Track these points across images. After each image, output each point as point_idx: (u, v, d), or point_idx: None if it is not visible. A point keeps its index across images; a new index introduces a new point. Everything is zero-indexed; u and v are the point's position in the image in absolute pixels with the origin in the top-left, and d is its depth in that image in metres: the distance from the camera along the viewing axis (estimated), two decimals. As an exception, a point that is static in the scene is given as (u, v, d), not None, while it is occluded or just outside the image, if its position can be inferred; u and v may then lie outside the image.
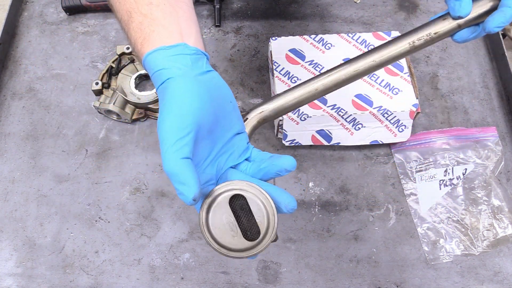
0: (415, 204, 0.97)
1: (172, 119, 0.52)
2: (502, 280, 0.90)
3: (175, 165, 0.50)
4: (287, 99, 0.70)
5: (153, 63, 0.56)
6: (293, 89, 0.71)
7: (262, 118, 0.68)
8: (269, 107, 0.69)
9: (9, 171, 1.01)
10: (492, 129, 1.04)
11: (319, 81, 0.71)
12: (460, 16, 0.64)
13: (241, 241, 0.56)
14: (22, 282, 0.90)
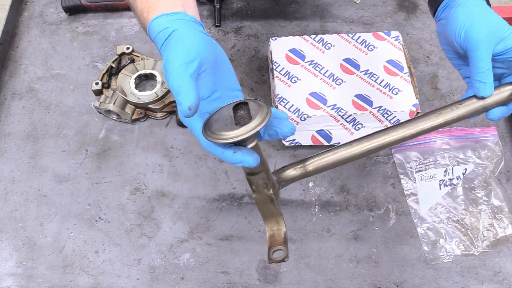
0: (415, 204, 0.97)
1: (179, 51, 0.58)
2: (502, 280, 0.91)
3: (181, 79, 0.56)
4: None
5: (157, 26, 0.63)
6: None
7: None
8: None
9: (9, 171, 1.01)
10: (492, 129, 1.04)
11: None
12: (483, 96, 0.69)
13: (233, 128, 0.57)
14: (22, 282, 0.90)
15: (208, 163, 1.02)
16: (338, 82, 1.00)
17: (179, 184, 1.00)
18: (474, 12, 0.70)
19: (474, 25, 0.68)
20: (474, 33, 0.68)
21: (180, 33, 0.61)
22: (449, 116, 0.71)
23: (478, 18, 0.69)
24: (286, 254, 0.66)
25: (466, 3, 0.71)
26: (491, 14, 0.70)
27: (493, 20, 0.69)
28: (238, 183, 1.00)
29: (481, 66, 0.67)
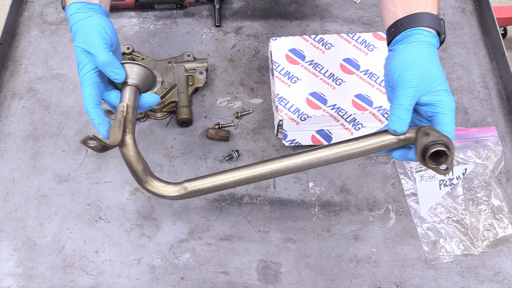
0: (415, 204, 0.97)
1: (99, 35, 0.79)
2: (502, 280, 0.90)
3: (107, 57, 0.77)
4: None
5: (76, 7, 0.82)
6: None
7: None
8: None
9: (9, 171, 1.01)
10: (492, 129, 1.04)
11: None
12: (395, 130, 0.71)
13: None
14: (22, 282, 0.90)
15: (208, 163, 1.02)
16: (338, 82, 1.00)
17: (179, 184, 1.00)
18: (416, 58, 0.72)
19: (409, 72, 0.71)
20: (407, 78, 0.70)
21: (95, 20, 0.81)
22: (350, 148, 0.73)
23: (416, 65, 0.71)
24: (101, 144, 0.73)
25: (416, 45, 0.73)
26: (432, 65, 0.72)
27: (430, 73, 0.71)
28: (238, 183, 1.00)
29: (402, 103, 0.70)
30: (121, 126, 0.75)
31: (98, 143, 0.72)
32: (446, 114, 0.70)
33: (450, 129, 0.69)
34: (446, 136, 0.67)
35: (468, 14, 1.22)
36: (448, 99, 0.70)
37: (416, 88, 0.70)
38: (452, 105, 0.70)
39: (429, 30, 0.74)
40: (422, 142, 0.67)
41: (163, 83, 1.06)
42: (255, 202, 0.98)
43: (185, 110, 1.04)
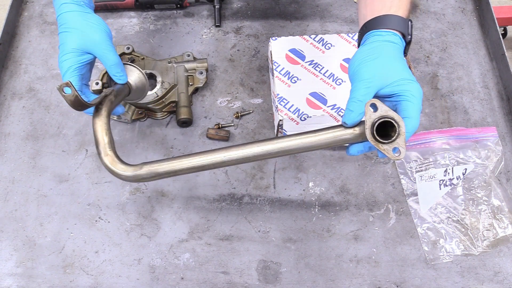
0: (415, 204, 0.97)
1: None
2: (502, 280, 0.90)
3: (117, 59, 0.85)
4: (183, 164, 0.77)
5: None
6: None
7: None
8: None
9: (9, 171, 1.01)
10: (492, 129, 1.04)
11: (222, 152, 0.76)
12: (345, 123, 0.70)
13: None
14: (22, 282, 0.90)
15: (208, 163, 1.02)
16: (338, 82, 1.00)
17: (179, 184, 1.00)
18: (370, 53, 0.72)
19: (363, 66, 0.71)
20: (360, 72, 0.71)
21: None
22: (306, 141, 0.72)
23: (370, 59, 0.71)
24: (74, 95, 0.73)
25: (373, 44, 0.73)
26: (389, 59, 0.71)
27: (387, 66, 0.70)
28: (238, 183, 1.00)
29: (354, 96, 0.69)
30: (101, 97, 0.79)
31: (72, 94, 0.72)
32: (408, 101, 0.68)
33: (413, 114, 0.68)
34: (395, 112, 0.65)
35: (468, 14, 1.22)
36: (412, 87, 0.69)
37: (369, 80, 0.69)
38: (416, 92, 0.69)
39: (390, 31, 0.74)
40: (371, 117, 0.63)
41: (163, 83, 1.06)
42: (255, 202, 0.98)
43: (185, 110, 1.04)
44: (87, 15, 0.84)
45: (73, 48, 0.82)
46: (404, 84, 0.69)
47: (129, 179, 0.78)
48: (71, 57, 0.82)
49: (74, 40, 0.82)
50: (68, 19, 0.83)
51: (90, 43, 0.82)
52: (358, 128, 0.69)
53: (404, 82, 0.69)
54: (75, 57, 0.82)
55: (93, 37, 0.83)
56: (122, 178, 0.78)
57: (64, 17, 0.83)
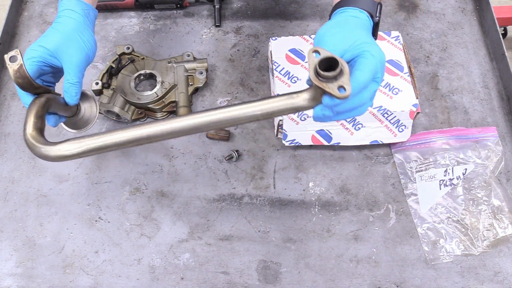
0: (415, 204, 0.97)
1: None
2: (502, 280, 0.90)
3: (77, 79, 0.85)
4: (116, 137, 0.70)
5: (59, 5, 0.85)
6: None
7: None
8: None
9: (9, 171, 1.01)
10: (492, 129, 1.04)
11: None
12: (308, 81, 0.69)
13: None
14: (22, 282, 0.90)
15: (208, 163, 1.02)
16: (338, 82, 1.00)
17: (179, 184, 1.00)
18: (334, 24, 0.75)
19: (326, 34, 0.73)
20: (324, 40, 0.73)
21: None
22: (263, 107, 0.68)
23: (333, 28, 0.73)
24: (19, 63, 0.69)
25: (337, 17, 0.77)
26: (351, 27, 0.73)
27: (349, 33, 0.72)
28: (238, 183, 1.00)
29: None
30: (47, 89, 0.77)
31: (18, 61, 0.68)
32: (364, 57, 0.68)
33: (363, 68, 0.67)
34: (338, 56, 0.63)
35: (468, 14, 1.22)
36: (371, 48, 0.69)
37: (331, 46, 0.70)
38: (374, 52, 0.68)
39: (357, 9, 0.75)
40: (314, 61, 0.62)
41: (163, 83, 1.06)
42: (255, 202, 0.98)
43: (185, 110, 1.04)
44: (84, 31, 0.84)
45: (46, 45, 0.80)
46: (363, 46, 0.69)
47: (52, 152, 0.71)
48: (40, 51, 0.79)
49: (54, 40, 0.81)
50: (65, 22, 0.83)
51: (65, 55, 0.81)
52: (309, 93, 0.68)
53: (364, 44, 0.70)
54: (44, 53, 0.80)
55: (70, 51, 0.81)
56: (46, 155, 0.71)
57: (63, 19, 0.83)
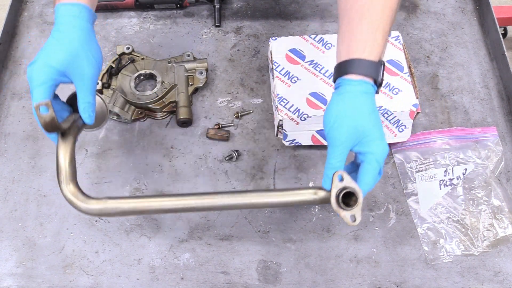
0: (415, 204, 0.97)
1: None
2: (503, 280, 0.90)
3: (93, 98, 0.81)
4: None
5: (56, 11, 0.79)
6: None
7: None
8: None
9: (9, 171, 1.01)
10: (492, 129, 1.04)
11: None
12: (324, 187, 0.76)
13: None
14: (22, 282, 0.90)
15: (208, 163, 1.02)
16: (338, 82, 1.00)
17: (179, 184, 1.00)
18: (342, 112, 0.74)
19: (337, 126, 0.74)
20: (335, 134, 0.74)
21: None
22: (285, 199, 0.77)
23: (343, 119, 0.74)
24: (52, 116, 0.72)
25: (345, 97, 0.75)
26: (360, 117, 0.74)
27: (358, 126, 0.73)
28: (238, 183, 1.00)
29: (330, 162, 0.74)
30: (70, 122, 0.77)
31: (50, 114, 0.71)
32: (369, 164, 0.73)
33: (368, 180, 0.74)
34: (357, 185, 0.72)
35: (468, 14, 1.22)
36: (377, 149, 0.73)
37: (343, 144, 0.74)
38: (379, 155, 0.73)
39: (360, 79, 0.75)
40: (337, 186, 0.71)
41: (163, 83, 1.06)
42: (255, 202, 0.98)
43: (185, 110, 1.04)
44: (91, 42, 0.79)
45: (55, 65, 0.75)
46: (370, 145, 0.74)
47: (92, 213, 0.76)
48: (51, 73, 0.75)
49: (62, 58, 0.75)
50: (70, 34, 0.77)
51: (76, 73, 0.77)
52: (326, 195, 0.76)
53: (371, 144, 0.74)
54: (54, 75, 0.75)
55: (82, 68, 0.77)
56: (84, 211, 0.76)
57: (66, 28, 0.77)
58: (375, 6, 0.76)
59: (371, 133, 0.74)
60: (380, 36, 0.75)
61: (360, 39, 0.76)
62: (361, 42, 0.75)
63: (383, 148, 0.74)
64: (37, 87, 0.74)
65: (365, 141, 0.74)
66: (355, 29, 0.76)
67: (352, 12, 0.77)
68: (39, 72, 0.75)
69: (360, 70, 0.75)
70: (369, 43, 0.75)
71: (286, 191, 0.78)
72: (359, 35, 0.76)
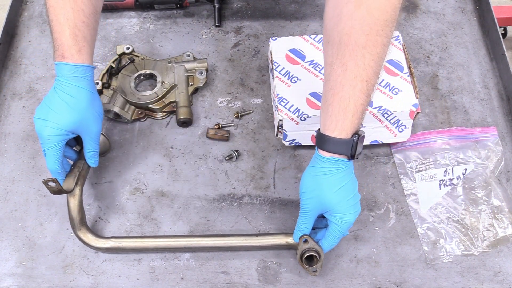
0: (415, 204, 0.97)
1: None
2: (502, 280, 0.90)
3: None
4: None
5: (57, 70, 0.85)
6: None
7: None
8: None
9: (9, 171, 1.01)
10: (492, 129, 1.04)
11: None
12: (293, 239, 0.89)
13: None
14: (22, 282, 0.90)
15: (208, 163, 1.02)
16: (338, 82, 1.00)
17: (179, 184, 1.00)
18: (312, 185, 0.81)
19: (307, 197, 0.82)
20: (304, 202, 0.83)
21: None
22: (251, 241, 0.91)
23: (312, 193, 0.81)
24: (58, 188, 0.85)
25: (314, 172, 0.81)
26: (323, 192, 0.80)
27: (322, 199, 0.80)
28: (238, 183, 1.00)
29: (299, 224, 0.86)
30: (75, 178, 0.89)
31: (56, 186, 0.84)
32: (332, 230, 0.82)
33: (330, 242, 0.84)
34: (320, 246, 0.85)
35: (468, 14, 1.22)
36: (339, 222, 0.81)
37: (310, 212, 0.83)
38: (342, 227, 0.81)
39: (330, 157, 0.78)
40: (302, 247, 0.86)
41: (163, 83, 1.06)
42: (255, 202, 0.98)
43: (185, 110, 1.04)
44: (95, 100, 0.87)
45: (66, 127, 0.83)
46: (334, 217, 0.81)
47: (101, 250, 0.91)
48: (61, 135, 0.83)
49: (71, 120, 0.83)
50: (77, 96, 0.83)
51: (84, 130, 0.86)
52: (292, 240, 0.90)
53: (332, 217, 0.82)
54: (64, 135, 0.84)
55: (89, 127, 0.86)
56: (96, 249, 0.91)
57: (71, 90, 0.83)
58: (346, 79, 0.76)
59: (335, 208, 0.80)
60: (350, 113, 0.76)
61: (331, 117, 0.77)
62: (333, 120, 0.77)
63: (347, 221, 0.81)
64: (50, 149, 0.83)
65: (330, 213, 0.82)
66: (329, 106, 0.77)
67: (327, 86, 0.78)
68: (52, 135, 0.83)
69: (331, 148, 0.78)
70: (340, 122, 0.77)
71: (262, 236, 0.91)
72: (331, 112, 0.77)
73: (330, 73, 0.78)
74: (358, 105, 0.76)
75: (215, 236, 0.92)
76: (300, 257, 0.86)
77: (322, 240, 0.85)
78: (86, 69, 0.84)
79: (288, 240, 0.90)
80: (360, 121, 0.78)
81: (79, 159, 0.93)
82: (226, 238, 0.91)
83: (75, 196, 0.90)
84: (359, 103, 0.76)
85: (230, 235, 0.92)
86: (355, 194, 0.81)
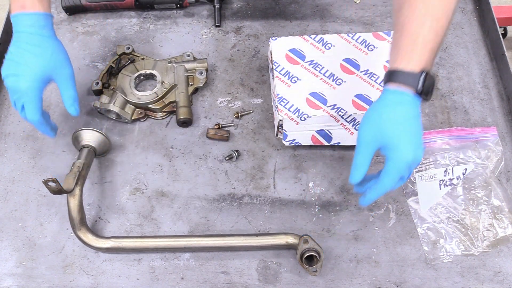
0: (415, 204, 0.97)
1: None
2: (502, 280, 0.90)
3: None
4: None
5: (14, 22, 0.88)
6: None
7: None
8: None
9: (9, 171, 1.01)
10: (492, 129, 1.04)
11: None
12: (352, 181, 0.80)
13: None
14: (22, 282, 0.90)
15: (208, 163, 1.02)
16: (338, 82, 1.00)
17: (179, 184, 1.00)
18: (373, 115, 0.78)
19: (365, 128, 0.78)
20: (362, 133, 0.78)
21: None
22: (250, 240, 0.91)
23: (372, 123, 0.77)
24: (58, 188, 0.87)
25: (380, 102, 0.78)
26: (385, 123, 0.76)
27: (382, 130, 0.76)
28: (238, 183, 1.00)
29: (355, 160, 0.78)
30: (75, 178, 0.91)
31: (56, 186, 0.85)
32: (387, 168, 0.76)
33: (384, 185, 0.76)
34: (320, 246, 0.86)
35: (468, 14, 1.22)
36: (396, 157, 0.74)
37: (368, 144, 0.77)
38: (399, 163, 0.74)
39: (395, 89, 0.76)
40: (302, 247, 0.87)
41: (163, 83, 1.06)
42: (255, 202, 0.98)
43: (185, 110, 1.04)
44: (60, 45, 0.88)
45: (39, 76, 0.85)
46: (391, 151, 0.75)
47: (101, 250, 0.91)
48: (35, 84, 0.85)
49: (41, 67, 0.85)
50: (43, 42, 0.85)
51: (59, 75, 0.87)
52: (292, 240, 0.90)
53: (392, 150, 0.75)
54: (40, 84, 0.85)
55: (64, 70, 0.88)
56: (95, 249, 0.91)
57: (38, 41, 0.85)
58: (415, 16, 0.77)
59: (394, 141, 0.75)
60: (418, 47, 0.76)
61: (399, 50, 0.77)
62: (400, 53, 0.77)
63: (405, 157, 0.75)
64: (31, 102, 0.85)
65: (388, 148, 0.76)
66: (397, 40, 0.78)
67: (398, 23, 0.79)
68: (29, 87, 0.84)
69: (396, 78, 0.76)
70: (407, 54, 0.76)
71: (262, 236, 0.91)
72: (398, 47, 0.77)
73: (398, 17, 0.79)
74: (427, 41, 0.76)
75: (215, 236, 0.92)
76: (300, 257, 0.87)
77: (375, 181, 0.78)
78: (47, 17, 0.86)
79: (288, 240, 0.90)
80: (429, 59, 0.76)
81: (79, 159, 0.93)
82: (226, 238, 0.91)
83: (75, 196, 0.90)
84: (427, 39, 0.76)
85: (230, 235, 0.92)
86: (418, 132, 0.76)
